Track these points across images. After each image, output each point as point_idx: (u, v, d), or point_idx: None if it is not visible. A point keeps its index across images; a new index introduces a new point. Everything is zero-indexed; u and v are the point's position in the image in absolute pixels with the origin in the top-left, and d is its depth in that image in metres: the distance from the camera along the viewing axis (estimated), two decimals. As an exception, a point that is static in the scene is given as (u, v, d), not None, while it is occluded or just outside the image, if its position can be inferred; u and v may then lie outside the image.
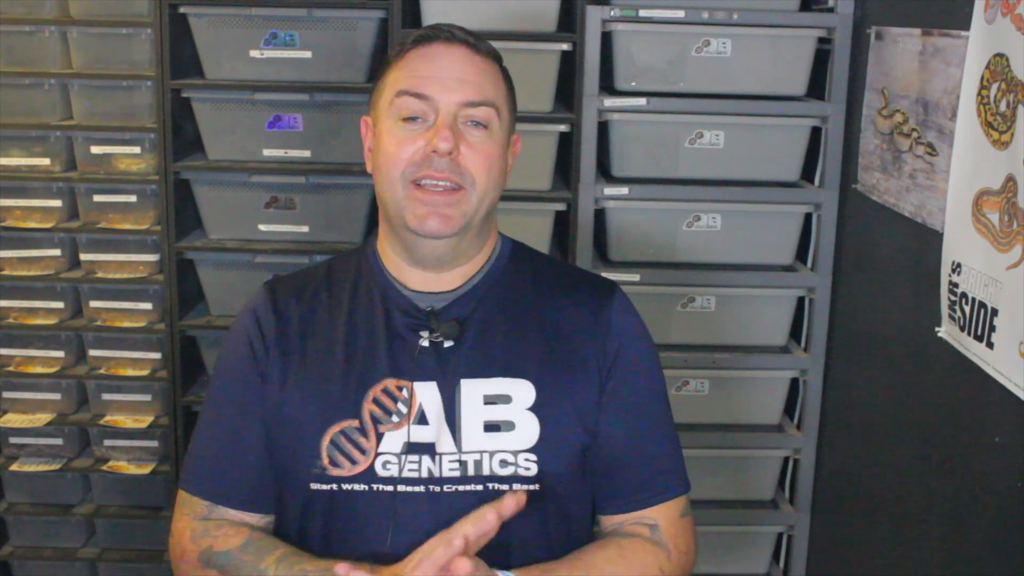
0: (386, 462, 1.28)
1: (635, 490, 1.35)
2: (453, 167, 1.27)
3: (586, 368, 1.34)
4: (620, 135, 2.34)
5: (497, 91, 1.33)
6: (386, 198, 1.31)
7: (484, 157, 1.29)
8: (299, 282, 1.42)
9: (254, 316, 1.38)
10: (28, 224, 2.47)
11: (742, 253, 2.41)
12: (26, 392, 2.55)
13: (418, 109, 1.28)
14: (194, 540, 1.33)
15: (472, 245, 1.35)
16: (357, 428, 1.29)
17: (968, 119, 1.63)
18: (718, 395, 2.44)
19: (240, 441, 1.34)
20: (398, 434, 1.29)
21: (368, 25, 2.35)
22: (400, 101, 1.29)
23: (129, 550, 2.62)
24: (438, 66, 1.30)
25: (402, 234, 1.32)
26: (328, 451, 1.29)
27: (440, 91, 1.28)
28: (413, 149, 1.27)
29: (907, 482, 1.94)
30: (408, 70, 1.30)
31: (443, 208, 1.27)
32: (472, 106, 1.29)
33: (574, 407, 1.32)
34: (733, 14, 2.26)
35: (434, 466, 1.28)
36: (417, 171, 1.27)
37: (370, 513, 1.28)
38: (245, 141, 2.43)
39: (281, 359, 1.34)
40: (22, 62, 2.42)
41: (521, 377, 1.31)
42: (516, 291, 1.38)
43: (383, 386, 1.31)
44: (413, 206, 1.28)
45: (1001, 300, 1.51)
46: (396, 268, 1.37)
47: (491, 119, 1.31)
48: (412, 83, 1.29)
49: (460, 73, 1.30)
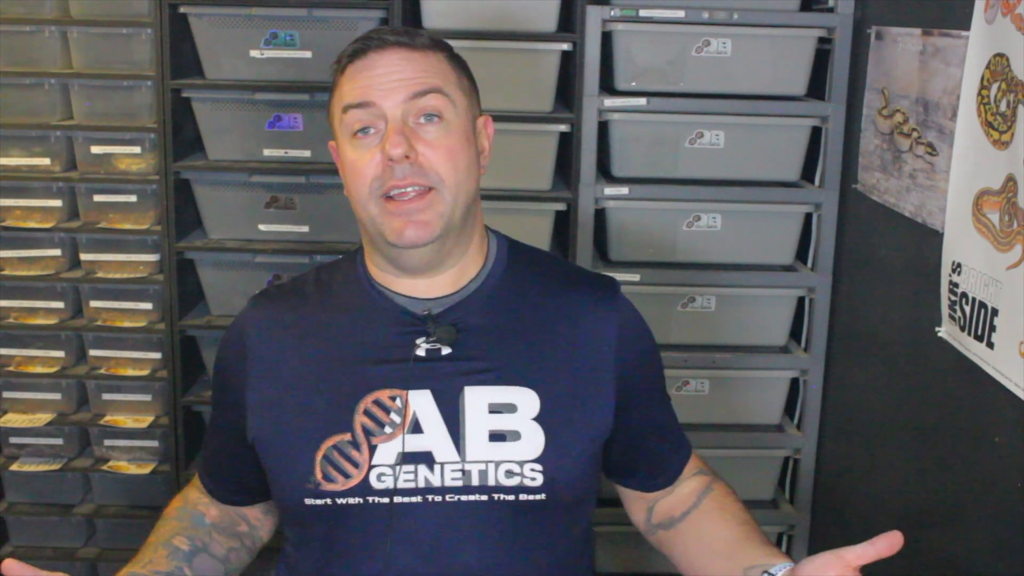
0: (380, 474, 1.27)
1: (663, 468, 1.45)
2: (415, 170, 1.24)
3: (591, 373, 1.33)
4: (620, 135, 2.34)
5: (443, 77, 1.29)
6: (362, 218, 1.29)
7: (445, 151, 1.26)
8: (286, 294, 1.40)
9: (239, 335, 1.37)
10: (28, 224, 2.47)
11: (742, 253, 2.41)
12: (26, 392, 2.55)
13: (366, 119, 1.26)
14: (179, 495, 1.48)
15: (457, 245, 1.32)
16: (349, 442, 1.27)
17: (968, 119, 1.63)
18: (718, 395, 2.44)
19: (227, 454, 1.41)
20: (392, 445, 1.27)
21: (368, 25, 2.35)
22: (347, 117, 1.27)
23: (129, 550, 2.55)
24: (375, 73, 1.27)
25: (384, 249, 1.30)
26: (322, 466, 1.27)
27: (382, 96, 1.26)
28: (372, 163, 1.25)
29: (907, 482, 1.94)
30: (348, 85, 1.28)
31: (416, 215, 1.25)
32: (418, 97, 1.26)
33: (579, 415, 1.31)
34: (733, 14, 2.26)
35: (432, 475, 1.26)
36: (382, 185, 1.25)
37: (367, 526, 1.27)
38: (245, 141, 2.43)
39: (268, 377, 1.33)
40: (22, 62, 2.42)
41: (526, 386, 1.30)
42: (517, 294, 1.36)
43: (374, 397, 1.29)
44: (388, 220, 1.25)
45: (1001, 300, 1.51)
46: (385, 277, 1.35)
47: (442, 107, 1.27)
48: (353, 95, 1.27)
49: (398, 73, 1.27)
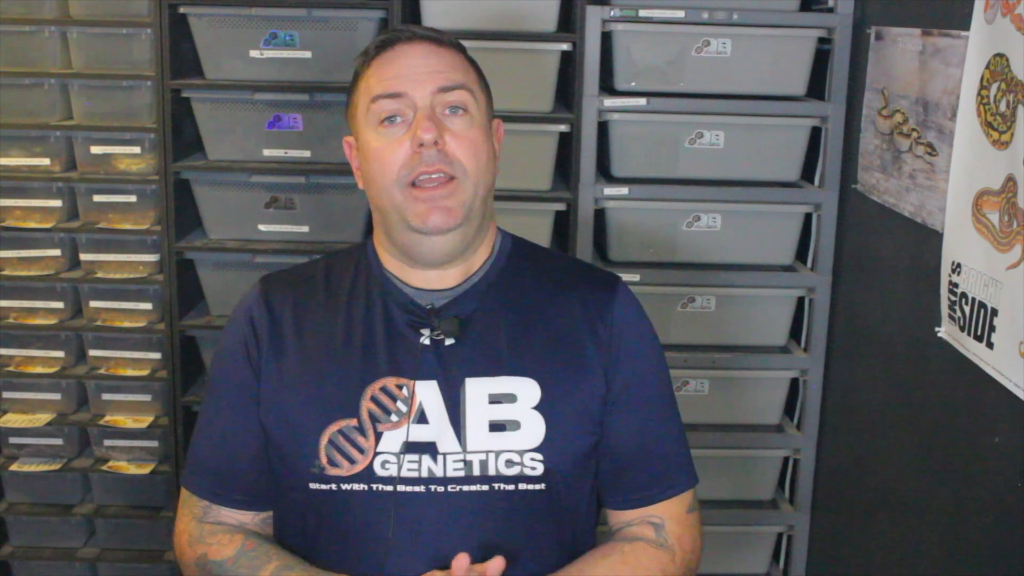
0: (385, 462, 1.28)
1: (642, 487, 1.36)
2: (442, 157, 1.27)
3: (590, 365, 1.33)
4: (620, 135, 2.34)
5: (467, 76, 1.33)
6: (385, 206, 1.31)
7: (469, 143, 1.29)
8: (295, 279, 1.41)
9: (248, 315, 1.37)
10: (28, 224, 2.47)
11: (742, 253, 2.41)
12: (26, 392, 2.55)
13: (395, 108, 1.29)
14: (191, 544, 1.35)
15: (475, 238, 1.35)
16: (355, 427, 1.29)
17: (968, 119, 1.63)
18: (718, 395, 2.44)
19: (236, 442, 1.35)
20: (397, 433, 1.29)
21: (368, 25, 2.35)
22: (376, 106, 1.30)
23: (129, 550, 2.62)
24: (405, 64, 1.30)
25: (406, 237, 1.31)
26: (326, 451, 1.28)
27: (412, 86, 1.29)
28: (400, 151, 1.28)
29: (907, 482, 1.94)
30: (377, 76, 1.31)
31: (441, 201, 1.27)
32: (446, 91, 1.29)
33: (579, 405, 1.32)
34: (733, 14, 2.26)
35: (435, 466, 1.28)
36: (411, 172, 1.27)
37: (370, 513, 1.28)
38: (245, 141, 2.43)
39: (276, 358, 1.34)
40: (22, 62, 2.42)
41: (526, 376, 1.31)
42: (518, 287, 1.37)
43: (382, 384, 1.30)
44: (413, 206, 1.27)
45: (1001, 300, 1.51)
46: (396, 267, 1.36)
47: (468, 102, 1.30)
48: (384, 86, 1.30)
49: (427, 66, 1.30)
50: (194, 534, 1.36)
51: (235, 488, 1.37)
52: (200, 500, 1.37)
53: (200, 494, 1.38)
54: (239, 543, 1.33)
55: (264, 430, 1.33)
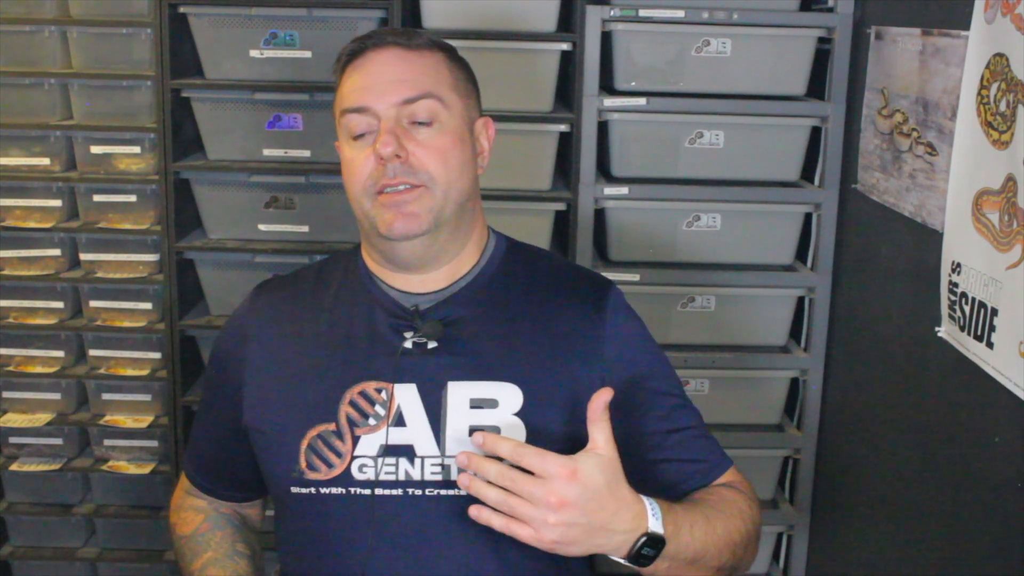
0: (362, 465, 1.28)
1: (689, 475, 1.37)
2: (406, 170, 1.27)
3: (580, 372, 1.32)
4: (620, 135, 2.34)
5: (438, 80, 1.31)
6: (358, 215, 1.33)
7: (436, 151, 1.28)
8: (289, 285, 1.43)
9: (238, 321, 1.41)
10: (28, 224, 2.47)
11: (742, 253, 2.41)
12: (26, 392, 2.55)
13: (363, 123, 1.29)
14: (173, 511, 1.49)
15: (452, 242, 1.34)
16: (334, 432, 1.29)
17: (968, 119, 1.63)
18: (718, 395, 2.44)
19: (220, 438, 1.43)
20: (375, 437, 1.28)
21: (368, 25, 2.34)
22: (345, 120, 1.31)
23: (129, 550, 2.62)
24: (370, 73, 1.30)
25: (379, 244, 1.33)
26: (306, 455, 1.29)
27: (375, 99, 1.28)
28: (367, 163, 1.28)
29: (907, 482, 1.94)
30: (347, 87, 1.32)
31: (406, 207, 1.27)
32: (411, 102, 1.28)
33: (563, 412, 1.30)
34: (733, 14, 2.26)
35: (413, 469, 1.28)
36: (376, 183, 1.28)
37: (349, 517, 1.28)
38: (245, 141, 2.42)
39: (261, 364, 1.35)
40: (22, 62, 2.42)
41: (510, 381, 1.30)
42: (508, 292, 1.37)
43: (360, 388, 1.30)
44: (381, 213, 1.28)
45: (1001, 300, 1.51)
46: (381, 271, 1.37)
47: (435, 110, 1.29)
48: (350, 99, 1.30)
49: (392, 75, 1.29)
50: (176, 503, 1.50)
51: (222, 484, 1.47)
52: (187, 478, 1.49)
53: (192, 481, 1.49)
54: (196, 524, 1.43)
55: (247, 434, 1.36)
